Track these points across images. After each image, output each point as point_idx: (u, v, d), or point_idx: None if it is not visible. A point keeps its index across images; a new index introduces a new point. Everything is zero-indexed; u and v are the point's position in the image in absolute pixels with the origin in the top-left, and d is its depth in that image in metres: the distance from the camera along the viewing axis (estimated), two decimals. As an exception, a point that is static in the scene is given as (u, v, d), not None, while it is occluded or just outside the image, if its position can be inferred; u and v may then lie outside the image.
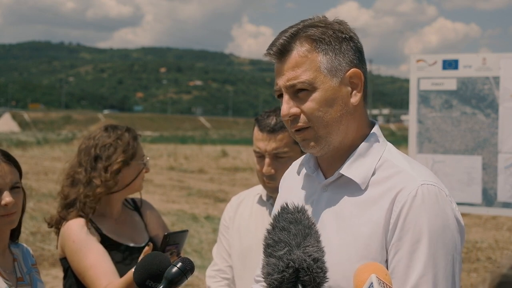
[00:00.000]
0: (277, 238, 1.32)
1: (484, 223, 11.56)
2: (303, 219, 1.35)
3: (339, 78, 1.60)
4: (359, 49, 1.65)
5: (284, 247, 1.30)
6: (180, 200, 14.99)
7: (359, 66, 1.63)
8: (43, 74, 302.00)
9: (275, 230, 1.34)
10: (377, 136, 1.67)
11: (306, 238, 1.31)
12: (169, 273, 1.55)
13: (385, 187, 1.57)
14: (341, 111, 1.61)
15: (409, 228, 1.51)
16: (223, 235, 2.78)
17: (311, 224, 1.35)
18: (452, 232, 1.54)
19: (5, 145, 32.01)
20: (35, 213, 10.97)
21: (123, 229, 2.78)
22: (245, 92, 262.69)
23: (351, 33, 1.64)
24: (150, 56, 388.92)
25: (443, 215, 1.53)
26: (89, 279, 2.55)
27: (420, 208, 1.52)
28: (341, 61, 1.60)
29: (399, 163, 1.61)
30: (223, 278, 2.73)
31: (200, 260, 7.77)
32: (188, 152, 33.54)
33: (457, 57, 4.32)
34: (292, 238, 1.31)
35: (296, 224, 1.33)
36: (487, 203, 4.19)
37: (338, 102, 1.61)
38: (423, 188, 1.54)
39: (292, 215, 1.35)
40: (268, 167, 2.55)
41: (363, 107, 1.67)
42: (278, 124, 2.55)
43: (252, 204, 2.75)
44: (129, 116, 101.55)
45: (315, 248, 1.31)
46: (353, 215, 1.60)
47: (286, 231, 1.32)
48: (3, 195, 2.15)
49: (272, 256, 1.31)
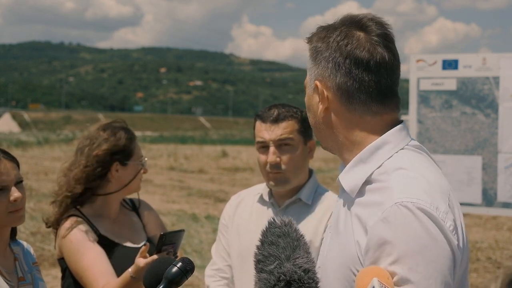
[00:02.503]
0: (266, 253, 1.33)
1: (484, 223, 11.56)
2: (290, 232, 1.36)
3: (311, 88, 1.64)
4: (334, 60, 1.56)
5: (274, 261, 1.31)
6: (180, 200, 14.99)
7: (328, 78, 1.57)
8: (43, 74, 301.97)
9: (264, 245, 1.35)
10: (386, 142, 1.57)
11: (295, 250, 1.33)
12: (169, 273, 1.55)
13: (368, 200, 1.49)
14: (314, 118, 1.65)
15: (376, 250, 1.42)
16: (222, 234, 2.77)
17: (299, 236, 1.36)
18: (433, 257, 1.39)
19: (5, 145, 32.00)
20: (35, 213, 10.97)
21: (121, 230, 2.78)
22: (245, 92, 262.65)
23: (332, 43, 1.57)
24: (150, 56, 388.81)
25: (414, 239, 1.38)
26: (87, 280, 2.55)
27: (386, 230, 1.40)
28: (315, 70, 1.62)
29: (392, 176, 1.49)
30: (222, 277, 2.73)
31: (200, 260, 7.77)
32: (188, 152, 33.53)
33: (457, 57, 4.32)
34: (281, 252, 1.32)
35: (284, 238, 1.34)
36: (487, 203, 4.19)
37: (311, 110, 1.65)
38: (394, 209, 1.41)
39: (280, 229, 1.36)
40: (273, 155, 2.53)
41: (348, 118, 1.58)
42: (281, 114, 2.56)
43: (252, 203, 2.73)
44: (129, 116, 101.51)
45: (305, 259, 1.32)
46: (340, 223, 1.57)
47: (275, 245, 1.33)
48: (11, 191, 2.16)
49: (263, 271, 1.32)
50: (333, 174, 20.59)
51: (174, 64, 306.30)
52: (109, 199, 2.75)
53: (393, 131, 1.59)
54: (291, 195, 2.63)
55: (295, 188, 2.63)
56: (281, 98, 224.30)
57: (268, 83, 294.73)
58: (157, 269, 1.66)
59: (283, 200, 2.64)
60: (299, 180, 2.62)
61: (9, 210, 2.17)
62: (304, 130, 2.59)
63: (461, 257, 1.46)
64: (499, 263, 8.62)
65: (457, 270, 1.45)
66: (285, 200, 2.64)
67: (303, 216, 2.61)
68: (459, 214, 1.54)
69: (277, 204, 2.66)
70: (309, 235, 2.54)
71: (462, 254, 1.48)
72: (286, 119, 2.55)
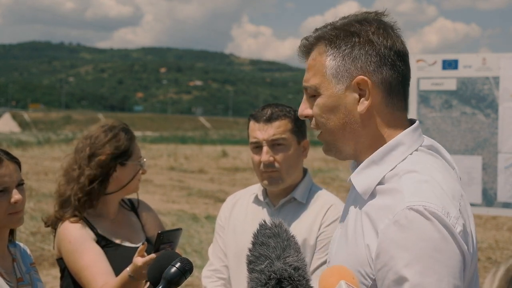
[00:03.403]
0: (257, 254, 1.35)
1: (484, 223, 11.56)
2: (281, 232, 1.38)
3: (344, 85, 1.54)
4: (380, 53, 1.53)
5: (265, 260, 1.33)
6: (180, 200, 14.99)
7: (373, 73, 1.53)
8: (43, 74, 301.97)
9: (255, 246, 1.37)
10: (400, 143, 1.54)
11: (285, 249, 1.34)
12: (168, 273, 1.55)
13: (380, 203, 1.48)
14: (344, 119, 1.55)
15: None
16: (218, 235, 2.78)
17: (290, 237, 1.38)
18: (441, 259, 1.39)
19: (5, 145, 32.00)
20: (35, 213, 10.97)
21: (120, 229, 2.78)
22: (245, 92, 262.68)
23: (373, 36, 1.54)
24: (150, 56, 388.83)
25: (426, 242, 1.38)
26: (85, 279, 2.55)
27: (397, 234, 1.40)
28: (350, 66, 1.54)
29: (404, 179, 1.48)
30: (219, 278, 2.73)
31: (200, 260, 7.77)
32: (188, 152, 33.54)
33: (457, 57, 4.32)
34: (272, 251, 1.34)
35: (274, 238, 1.36)
36: (487, 203, 4.19)
37: (341, 109, 1.55)
38: (406, 212, 1.41)
39: (270, 230, 1.38)
40: (266, 154, 2.55)
41: (384, 114, 1.55)
42: (274, 114, 2.57)
43: (247, 204, 2.74)
44: (129, 116, 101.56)
45: (295, 258, 1.33)
46: (350, 224, 1.56)
47: (266, 245, 1.35)
48: (12, 193, 2.17)
49: (254, 272, 1.34)
50: (333, 174, 20.59)
51: (174, 64, 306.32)
52: (108, 199, 2.75)
53: (407, 132, 1.57)
54: (285, 194, 2.64)
55: (290, 187, 2.63)
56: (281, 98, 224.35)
57: (268, 83, 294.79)
58: (161, 264, 1.66)
59: (277, 200, 2.66)
60: (293, 179, 2.63)
61: (9, 211, 2.17)
62: (297, 129, 2.61)
63: (470, 261, 1.46)
64: (499, 263, 8.61)
65: (466, 273, 1.45)
66: (279, 199, 2.65)
67: (298, 215, 2.63)
68: (470, 218, 1.53)
69: (272, 203, 2.67)
70: (304, 233, 2.56)
71: (472, 258, 1.48)
72: (279, 119, 2.56)
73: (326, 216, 2.60)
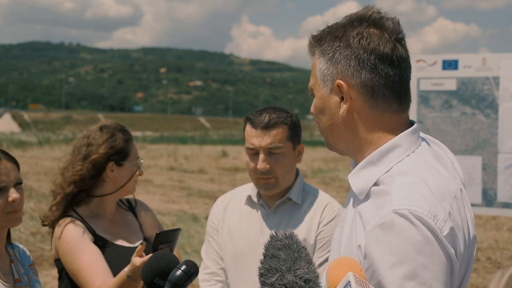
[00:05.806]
0: (268, 266, 1.34)
1: (484, 223, 11.56)
2: (291, 244, 1.37)
3: (328, 88, 1.59)
4: (358, 57, 1.54)
5: (275, 273, 1.32)
6: (181, 200, 14.99)
7: (351, 77, 1.55)
8: (43, 74, 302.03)
9: (266, 259, 1.36)
10: (397, 145, 1.56)
11: (296, 261, 1.33)
12: (173, 276, 1.54)
13: (371, 204, 1.49)
14: (329, 120, 1.60)
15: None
16: (212, 237, 2.76)
17: (301, 248, 1.37)
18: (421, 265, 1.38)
19: (5, 145, 32.02)
20: (35, 213, 10.96)
21: (117, 230, 2.77)
22: (245, 92, 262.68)
23: (353, 40, 1.55)
24: (150, 56, 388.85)
25: (410, 246, 1.38)
26: (83, 280, 2.54)
27: (382, 236, 1.40)
28: (332, 70, 1.57)
29: (395, 181, 1.48)
30: (217, 280, 2.72)
31: (200, 260, 7.75)
32: (188, 152, 33.54)
33: (457, 57, 4.31)
34: (282, 264, 1.33)
35: (285, 250, 1.35)
36: (487, 203, 4.19)
37: (327, 111, 1.60)
38: (391, 216, 1.41)
39: (281, 242, 1.37)
40: (263, 162, 2.54)
41: (369, 117, 1.57)
42: (271, 121, 2.55)
43: (240, 205, 2.73)
44: (129, 116, 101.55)
45: (305, 270, 1.32)
46: (347, 224, 1.57)
47: (276, 258, 1.34)
48: (10, 192, 2.16)
49: (265, 285, 1.33)
50: (333, 174, 20.58)
51: (174, 64, 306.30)
52: (105, 200, 2.75)
53: (405, 134, 1.58)
54: (280, 196, 2.65)
55: (284, 189, 2.65)
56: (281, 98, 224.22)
57: (268, 83, 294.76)
58: (154, 264, 1.66)
59: (272, 201, 2.66)
60: (288, 182, 2.64)
61: (7, 210, 2.17)
62: (293, 135, 2.60)
63: (459, 265, 1.46)
64: (499, 263, 8.62)
65: (454, 278, 1.45)
66: (274, 200, 2.65)
67: (295, 216, 2.63)
68: (466, 215, 1.53)
69: (267, 205, 2.67)
70: (303, 233, 2.56)
71: (462, 260, 1.48)
72: (277, 126, 2.55)
73: (323, 215, 2.61)
